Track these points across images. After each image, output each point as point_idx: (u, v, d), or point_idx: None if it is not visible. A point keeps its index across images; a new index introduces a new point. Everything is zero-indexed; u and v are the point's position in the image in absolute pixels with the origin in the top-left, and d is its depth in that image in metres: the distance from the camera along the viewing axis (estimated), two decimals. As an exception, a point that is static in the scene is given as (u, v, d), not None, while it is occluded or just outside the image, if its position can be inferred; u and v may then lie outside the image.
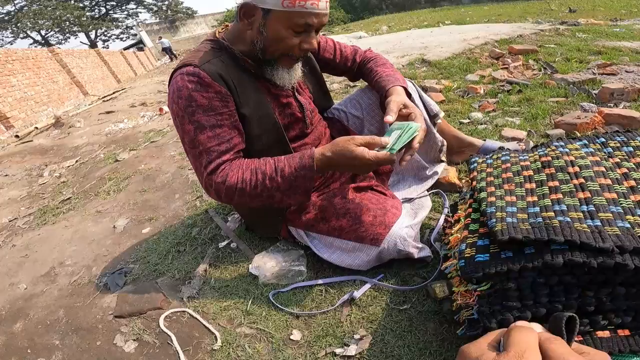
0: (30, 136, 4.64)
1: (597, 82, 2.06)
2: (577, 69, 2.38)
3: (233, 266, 1.19)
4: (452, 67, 2.90)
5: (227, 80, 0.90)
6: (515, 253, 0.66)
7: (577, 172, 0.81)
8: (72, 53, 9.48)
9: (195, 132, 0.87)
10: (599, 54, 2.72)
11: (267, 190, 0.88)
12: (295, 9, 0.79)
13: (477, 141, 1.40)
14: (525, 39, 3.56)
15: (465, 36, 3.91)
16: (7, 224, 2.05)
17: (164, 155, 2.52)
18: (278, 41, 0.86)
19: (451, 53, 3.28)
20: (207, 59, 0.90)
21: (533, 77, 2.36)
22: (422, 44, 3.94)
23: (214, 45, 0.95)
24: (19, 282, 1.43)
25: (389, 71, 1.10)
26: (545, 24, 4.62)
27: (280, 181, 0.87)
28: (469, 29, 4.66)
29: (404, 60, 3.36)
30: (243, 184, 0.87)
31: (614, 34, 3.47)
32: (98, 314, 1.14)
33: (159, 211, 1.72)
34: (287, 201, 0.92)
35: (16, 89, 6.16)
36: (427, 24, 6.96)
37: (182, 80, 0.87)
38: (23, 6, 23.77)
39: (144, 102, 5.18)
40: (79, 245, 1.59)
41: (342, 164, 0.84)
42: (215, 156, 0.88)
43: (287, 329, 0.93)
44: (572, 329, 0.30)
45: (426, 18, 8.74)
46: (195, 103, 0.86)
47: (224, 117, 0.89)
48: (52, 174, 2.76)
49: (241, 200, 0.89)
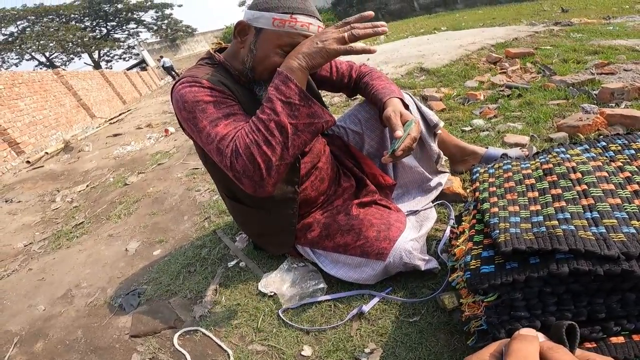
0: (41, 161, 4.76)
1: (596, 83, 2.07)
2: (575, 70, 2.39)
3: (243, 285, 1.21)
4: (450, 75, 2.93)
5: (229, 88, 0.90)
6: (521, 263, 0.66)
7: (579, 178, 0.81)
8: (77, 75, 9.57)
9: (211, 127, 0.82)
10: (596, 53, 2.73)
11: (276, 126, 0.77)
12: (285, 29, 0.81)
13: (480, 149, 1.40)
14: (521, 42, 3.59)
15: (461, 42, 3.95)
16: (22, 248, 2.10)
17: (171, 177, 2.58)
18: (266, 60, 0.87)
19: (449, 60, 3.31)
20: (205, 72, 0.90)
21: (532, 80, 2.37)
22: (419, 52, 3.99)
23: (209, 61, 0.97)
24: (37, 303, 1.46)
25: (384, 84, 1.11)
26: (540, 25, 4.65)
27: (280, 107, 0.77)
28: (464, 34, 4.70)
29: (402, 70, 3.40)
30: (252, 136, 0.77)
31: (608, 33, 3.48)
32: (115, 333, 1.17)
33: (169, 233, 1.76)
34: (304, 122, 0.79)
35: (24, 113, 6.20)
36: (423, 31, 7.03)
37: (184, 88, 0.86)
38: (25, 27, 24.42)
39: (150, 124, 5.30)
40: (93, 268, 1.63)
41: (305, 47, 0.79)
42: (231, 139, 0.80)
43: (298, 345, 0.94)
44: (574, 337, 0.30)
45: (422, 25, 8.83)
46: (203, 101, 0.84)
47: (235, 108, 0.87)
48: (64, 199, 2.83)
49: (264, 157, 0.76)
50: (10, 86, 6.15)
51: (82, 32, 26.10)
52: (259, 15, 0.82)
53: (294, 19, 0.80)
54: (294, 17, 0.80)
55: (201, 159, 1.12)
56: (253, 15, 0.84)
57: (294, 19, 0.80)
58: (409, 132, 0.87)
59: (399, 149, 0.85)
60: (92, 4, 27.49)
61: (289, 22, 0.80)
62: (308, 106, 0.78)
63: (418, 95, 2.65)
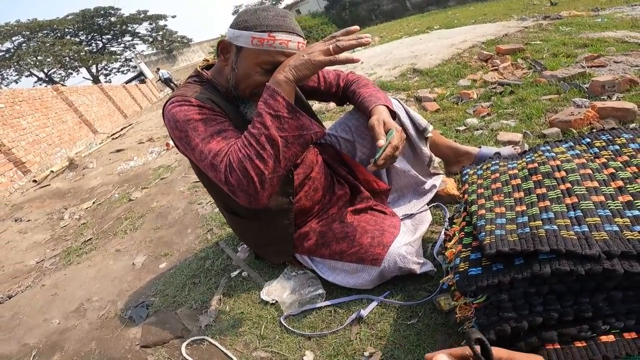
0: (47, 180, 4.84)
1: (587, 76, 2.08)
2: (566, 64, 2.41)
3: (245, 294, 1.24)
4: (443, 74, 2.95)
5: (218, 105, 0.92)
6: (506, 265, 0.68)
7: (563, 177, 0.81)
8: (77, 90, 9.52)
9: (203, 144, 0.84)
10: (585, 46, 2.74)
11: (267, 139, 0.79)
12: (264, 47, 0.82)
13: (473, 149, 1.41)
14: (511, 38, 3.61)
15: (452, 41, 3.98)
16: (35, 265, 2.17)
17: (173, 191, 2.63)
18: (246, 78, 0.89)
19: (441, 60, 3.34)
20: (194, 91, 0.93)
21: (524, 77, 2.39)
22: (412, 53, 4.02)
23: (197, 79, 0.99)
24: (52, 318, 1.51)
25: (371, 91, 1.12)
26: (529, 20, 4.67)
27: (269, 121, 0.79)
28: (456, 32, 4.73)
29: (396, 72, 3.43)
30: (244, 150, 0.79)
31: (597, 25, 3.49)
32: (126, 344, 1.21)
33: (174, 246, 1.80)
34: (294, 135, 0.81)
35: (27, 131, 6.17)
36: (417, 30, 7.08)
37: (174, 107, 0.88)
38: (21, 43, 24.64)
39: (151, 138, 5.37)
40: (103, 282, 1.68)
41: (292, 60, 0.81)
42: (224, 155, 0.82)
43: (299, 350, 0.97)
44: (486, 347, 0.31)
45: (416, 24, 8.89)
46: (194, 120, 0.86)
47: (225, 125, 0.88)
48: (72, 217, 2.89)
49: (257, 171, 0.78)
50: (12, 104, 6.10)
51: (77, 47, 26.26)
52: (239, 34, 0.84)
53: (272, 37, 0.81)
54: (272, 35, 0.81)
55: (197, 174, 1.15)
56: (233, 34, 0.86)
57: (272, 37, 0.81)
58: (389, 141, 0.90)
59: (380, 158, 0.88)
60: (86, 18, 27.73)
61: (267, 40, 0.81)
62: (296, 118, 0.80)
63: (412, 96, 2.68)
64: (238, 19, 0.86)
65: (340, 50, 0.80)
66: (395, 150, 0.90)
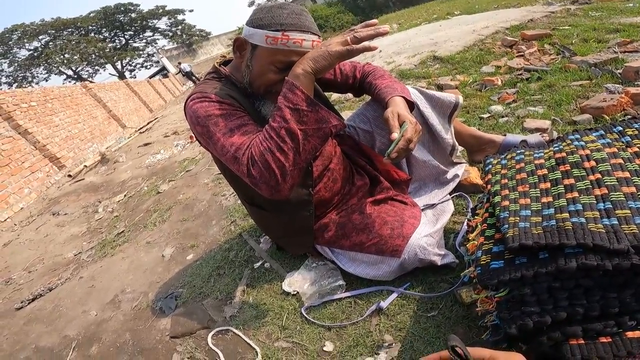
0: (81, 174, 5.12)
1: (619, 61, 1.95)
2: (597, 50, 2.26)
3: (268, 285, 1.28)
4: (465, 61, 2.85)
5: (237, 100, 0.93)
6: (530, 258, 0.66)
7: (593, 167, 0.78)
8: (104, 87, 9.81)
9: (225, 138, 0.86)
10: (617, 31, 2.56)
11: (286, 133, 0.80)
12: (278, 46, 0.82)
13: (498, 137, 1.36)
14: (537, 23, 3.43)
15: (474, 27, 3.82)
16: (73, 258, 2.31)
17: (198, 183, 2.71)
18: (261, 76, 0.89)
19: (462, 46, 3.22)
20: (213, 87, 0.94)
21: (552, 62, 2.27)
22: (432, 40, 3.90)
23: (215, 76, 1.00)
24: (90, 309, 1.62)
25: (387, 82, 1.11)
26: (556, 4, 4.40)
27: (288, 114, 0.80)
28: (477, 18, 4.53)
29: (416, 60, 3.34)
30: (265, 144, 0.81)
31: (629, 10, 3.25)
32: (157, 335, 1.28)
33: (199, 238, 1.87)
34: (313, 128, 0.82)
35: (60, 128, 6.43)
36: (436, 17, 6.80)
37: (195, 104, 0.90)
38: (48, 42, 25.78)
39: (176, 131, 5.54)
40: (135, 274, 1.77)
41: (310, 53, 0.82)
42: (246, 148, 0.84)
43: (320, 341, 1.00)
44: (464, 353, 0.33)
45: (435, 10, 8.53)
46: (214, 115, 0.88)
47: (245, 119, 0.90)
48: (106, 210, 3.05)
49: (278, 163, 0.80)
50: (44, 102, 6.35)
51: (102, 44, 27.31)
52: (254, 32, 0.85)
53: (285, 36, 0.81)
54: (286, 34, 0.81)
55: (219, 168, 1.18)
56: (249, 32, 0.86)
57: (285, 36, 0.81)
58: (402, 134, 0.88)
59: (394, 151, 0.87)
60: (107, 15, 28.71)
61: (281, 39, 0.82)
62: (315, 112, 0.81)
63: (433, 84, 2.61)
64: (253, 17, 0.86)
65: (359, 40, 0.79)
66: (408, 143, 0.88)
